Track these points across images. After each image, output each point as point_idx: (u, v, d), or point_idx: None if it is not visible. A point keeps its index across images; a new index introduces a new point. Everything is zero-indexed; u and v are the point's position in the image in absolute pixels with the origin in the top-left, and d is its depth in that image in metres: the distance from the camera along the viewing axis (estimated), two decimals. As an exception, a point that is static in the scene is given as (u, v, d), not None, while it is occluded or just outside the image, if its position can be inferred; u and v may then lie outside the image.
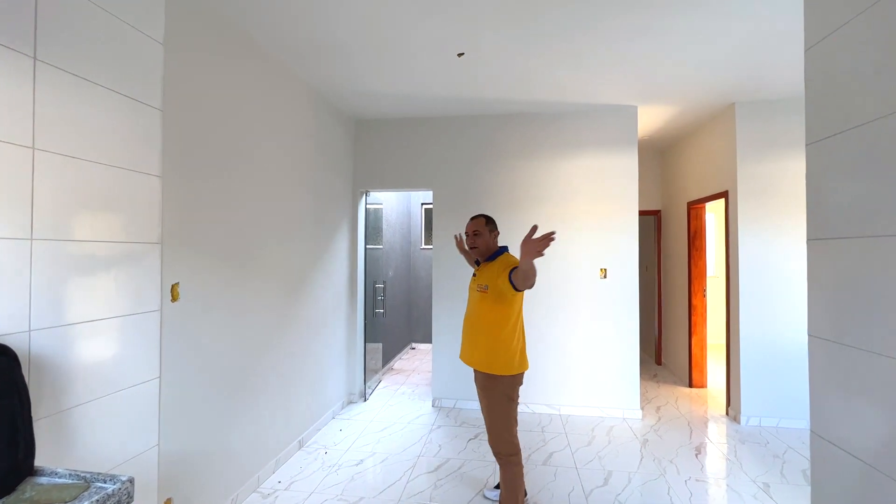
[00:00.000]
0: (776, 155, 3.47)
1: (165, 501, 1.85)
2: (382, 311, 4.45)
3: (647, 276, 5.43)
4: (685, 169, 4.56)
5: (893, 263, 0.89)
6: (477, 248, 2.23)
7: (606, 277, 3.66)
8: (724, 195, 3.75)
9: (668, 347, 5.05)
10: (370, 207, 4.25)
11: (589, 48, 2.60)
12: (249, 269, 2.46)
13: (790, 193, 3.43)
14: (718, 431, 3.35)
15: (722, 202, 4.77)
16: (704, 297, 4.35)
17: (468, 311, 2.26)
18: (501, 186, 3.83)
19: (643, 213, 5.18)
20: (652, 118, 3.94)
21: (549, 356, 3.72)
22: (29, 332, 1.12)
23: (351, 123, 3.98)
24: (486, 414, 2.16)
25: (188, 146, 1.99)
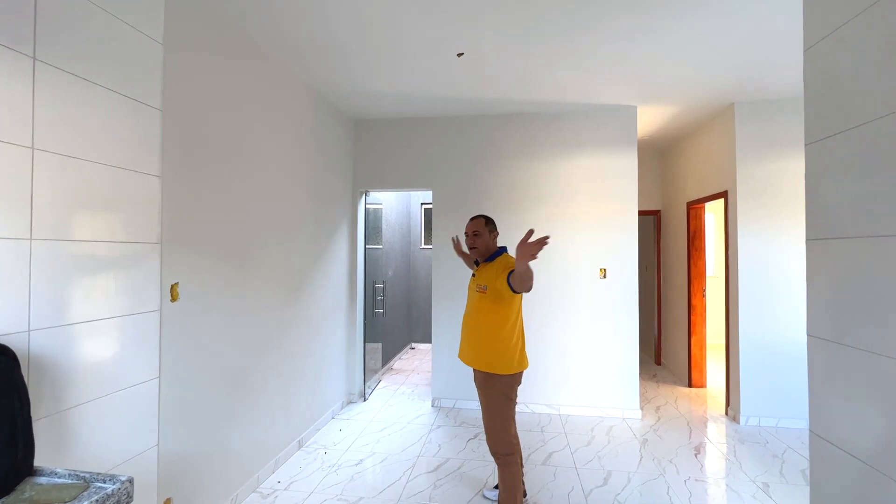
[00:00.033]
0: (776, 155, 3.47)
1: (165, 501, 1.85)
2: (382, 311, 4.45)
3: (646, 276, 5.43)
4: (685, 169, 4.56)
5: (893, 263, 0.89)
6: (476, 248, 2.23)
7: (606, 277, 3.66)
8: (723, 195, 3.75)
9: (667, 347, 5.05)
10: (370, 207, 4.25)
11: (589, 48, 2.60)
12: (249, 269, 2.46)
13: (790, 193, 3.43)
14: (718, 431, 3.35)
15: (721, 202, 4.78)
16: (704, 297, 4.35)
17: (467, 310, 2.27)
18: (501, 186, 3.83)
19: (643, 213, 5.18)
20: (652, 118, 3.94)
21: (548, 356, 3.72)
22: (28, 331, 1.12)
23: (351, 123, 3.98)
24: (484, 413, 2.16)
25: (188, 146, 1.99)
